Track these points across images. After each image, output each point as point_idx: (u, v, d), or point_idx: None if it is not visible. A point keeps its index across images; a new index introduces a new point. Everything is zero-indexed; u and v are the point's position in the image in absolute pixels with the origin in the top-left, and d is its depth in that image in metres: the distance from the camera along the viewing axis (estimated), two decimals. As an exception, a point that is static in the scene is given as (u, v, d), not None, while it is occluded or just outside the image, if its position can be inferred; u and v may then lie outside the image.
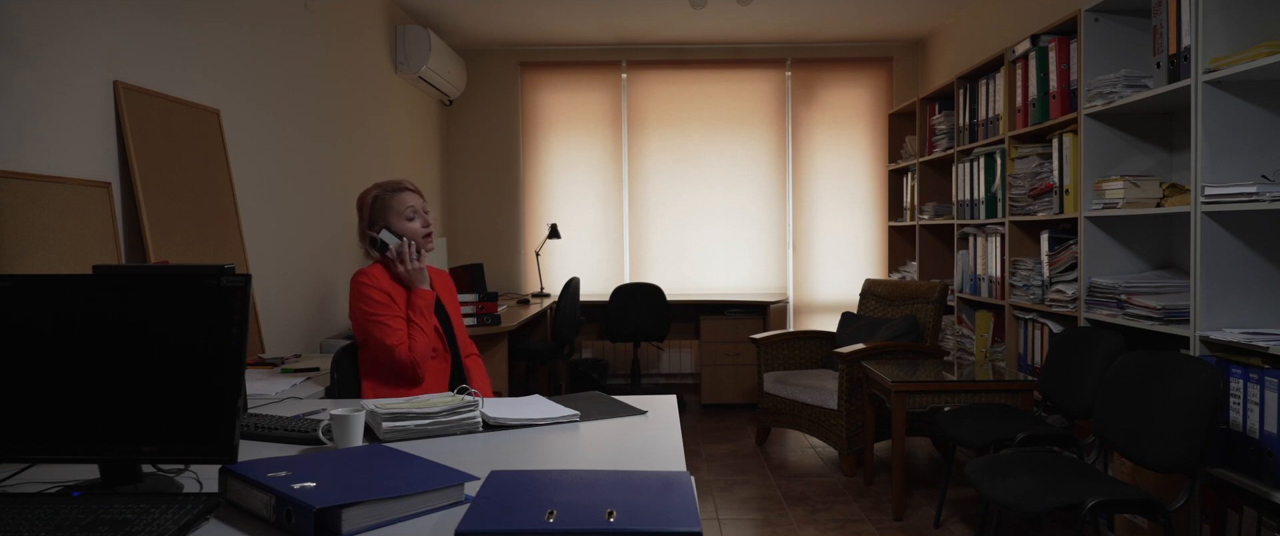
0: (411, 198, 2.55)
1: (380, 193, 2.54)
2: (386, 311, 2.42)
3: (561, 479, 1.26)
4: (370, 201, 2.54)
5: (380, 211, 2.52)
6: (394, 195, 2.53)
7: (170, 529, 1.12)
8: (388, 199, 2.53)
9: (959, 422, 3.12)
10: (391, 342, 2.38)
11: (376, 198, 2.53)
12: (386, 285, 2.46)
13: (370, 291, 2.43)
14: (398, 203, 2.52)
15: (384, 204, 2.52)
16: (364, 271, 2.47)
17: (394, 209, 2.52)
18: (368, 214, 2.53)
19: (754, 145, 6.28)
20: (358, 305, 2.43)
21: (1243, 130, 2.52)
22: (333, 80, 4.21)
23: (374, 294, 2.43)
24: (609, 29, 5.78)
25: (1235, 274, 2.52)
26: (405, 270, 2.47)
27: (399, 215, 2.52)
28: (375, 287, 2.43)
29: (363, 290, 2.43)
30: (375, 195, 2.54)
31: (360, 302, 2.43)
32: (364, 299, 2.42)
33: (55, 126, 2.33)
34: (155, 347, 1.36)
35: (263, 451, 1.59)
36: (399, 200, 2.53)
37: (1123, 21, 3.20)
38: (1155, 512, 2.19)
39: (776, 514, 3.52)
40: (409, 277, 2.48)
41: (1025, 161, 3.74)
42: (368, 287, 2.43)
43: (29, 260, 2.15)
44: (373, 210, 2.53)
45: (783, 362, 4.72)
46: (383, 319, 2.40)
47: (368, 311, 2.41)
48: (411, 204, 2.53)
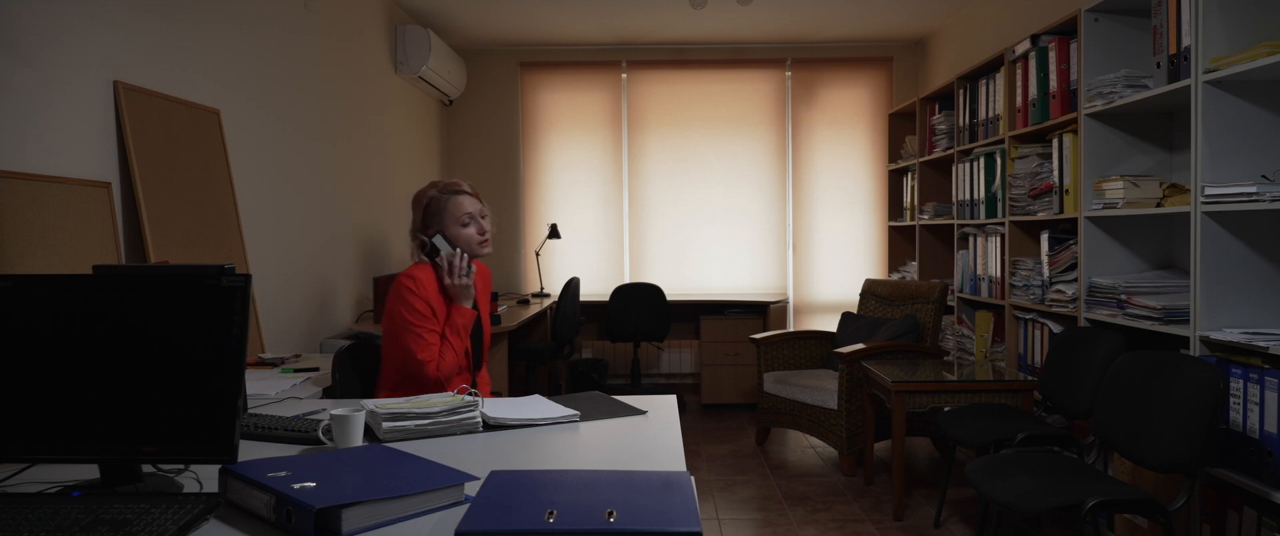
0: (468, 202, 2.45)
1: (436, 194, 2.45)
2: (425, 324, 2.34)
3: (561, 479, 1.26)
4: (426, 202, 2.45)
5: (435, 214, 2.44)
6: (450, 198, 2.44)
7: (170, 529, 1.12)
8: (444, 201, 2.43)
9: (959, 422, 3.12)
10: (423, 358, 2.32)
11: (433, 200, 2.44)
12: (431, 293, 2.37)
13: (413, 299, 2.34)
14: (454, 207, 2.43)
15: (439, 207, 2.43)
16: (412, 273, 2.38)
17: (450, 213, 2.43)
18: (422, 215, 2.45)
19: (754, 145, 6.28)
20: (398, 308, 2.34)
21: (1243, 130, 2.52)
22: (333, 80, 4.21)
23: (417, 303, 2.34)
24: (609, 29, 5.78)
25: (1235, 274, 2.52)
26: (452, 283, 2.38)
27: (454, 220, 2.43)
28: (419, 296, 2.34)
29: (406, 295, 2.34)
30: (431, 196, 2.45)
31: (401, 306, 2.34)
32: (406, 304, 2.34)
33: (55, 126, 2.33)
34: (155, 347, 1.36)
35: (263, 451, 1.59)
36: (455, 204, 2.43)
37: (1123, 21, 3.20)
38: (1155, 512, 2.19)
39: (776, 514, 3.52)
40: (454, 292, 2.39)
41: (1025, 161, 3.74)
42: (412, 294, 2.34)
43: (29, 260, 2.15)
44: (428, 212, 2.44)
45: (783, 362, 4.72)
46: (419, 330, 2.32)
47: (407, 318, 2.32)
48: (468, 209, 2.44)
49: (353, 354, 2.50)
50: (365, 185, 4.68)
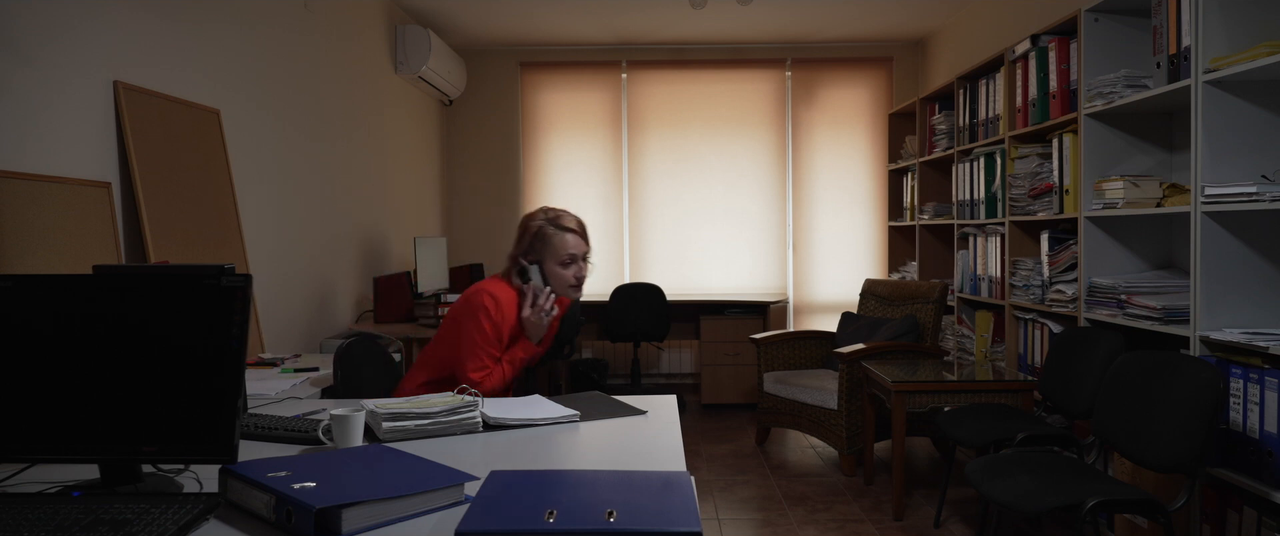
0: (574, 242, 2.39)
1: (545, 225, 2.39)
2: (489, 348, 2.31)
3: (561, 479, 1.26)
4: (534, 230, 2.39)
5: (539, 244, 2.38)
6: (559, 234, 2.38)
7: (170, 529, 1.12)
8: (551, 235, 2.38)
9: (959, 422, 3.12)
10: (474, 377, 2.29)
11: (541, 229, 2.38)
12: (506, 317, 2.34)
13: (486, 321, 2.31)
14: (560, 244, 2.37)
15: (546, 239, 2.38)
16: (495, 293, 2.34)
17: (553, 249, 2.38)
18: (528, 241, 2.39)
19: (754, 145, 6.28)
20: (468, 323, 2.31)
21: (1243, 130, 2.52)
22: (333, 80, 4.22)
23: (487, 325, 2.30)
24: (609, 29, 5.78)
25: (1235, 274, 2.52)
26: (529, 318, 2.35)
27: (556, 257, 2.38)
28: (493, 319, 2.31)
29: (481, 315, 2.31)
30: (540, 226, 2.39)
31: (472, 323, 2.31)
32: (477, 323, 2.31)
33: (55, 126, 2.33)
34: (155, 347, 1.36)
35: (263, 451, 1.59)
36: (561, 242, 2.37)
37: (1123, 21, 3.20)
38: (1155, 512, 2.19)
39: (776, 514, 3.52)
40: (528, 327, 2.37)
41: (1025, 161, 3.74)
42: (487, 316, 2.31)
43: (29, 260, 2.15)
44: (533, 240, 2.39)
45: (783, 362, 4.72)
46: (480, 350, 2.30)
47: (474, 337, 2.30)
48: (572, 250, 2.38)
49: (353, 351, 2.49)
50: (365, 185, 4.68)
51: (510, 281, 2.41)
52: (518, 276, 2.39)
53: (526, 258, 2.39)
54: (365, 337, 2.61)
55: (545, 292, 2.36)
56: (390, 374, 2.66)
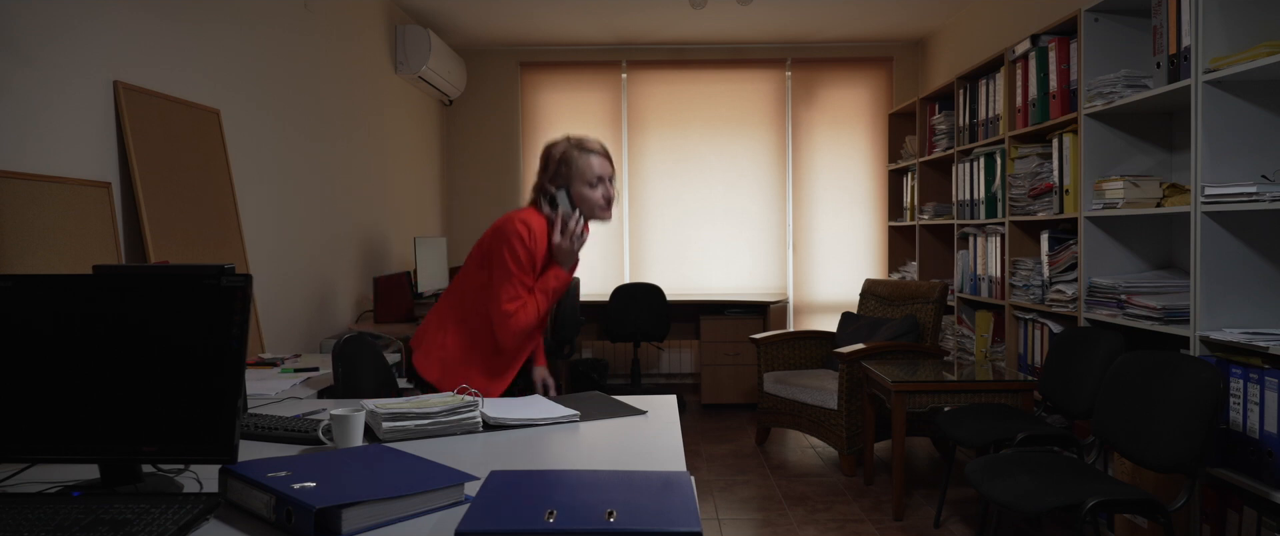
0: (600, 163, 2.37)
1: (569, 148, 2.37)
2: (523, 275, 2.28)
3: (561, 479, 1.26)
4: (558, 155, 2.37)
5: (565, 168, 2.36)
6: (584, 156, 2.36)
7: (170, 529, 1.12)
8: (576, 158, 2.36)
9: (959, 422, 3.12)
10: (508, 308, 2.26)
11: (565, 153, 2.37)
12: (538, 246, 2.30)
13: (520, 247, 2.27)
14: (585, 166, 2.35)
15: (571, 163, 2.35)
16: (526, 220, 2.30)
17: (580, 171, 2.35)
18: (553, 167, 2.37)
19: (754, 145, 6.28)
20: (502, 250, 2.27)
21: (1243, 130, 2.52)
22: (333, 80, 4.22)
23: (521, 252, 2.27)
24: (609, 29, 5.78)
25: (1235, 274, 2.52)
26: (561, 244, 2.32)
27: (583, 179, 2.35)
28: (526, 246, 2.27)
29: (515, 241, 2.27)
30: (564, 149, 2.37)
31: (506, 250, 2.27)
32: (512, 249, 2.26)
33: (55, 126, 2.33)
34: (155, 347, 1.36)
35: (263, 451, 1.59)
36: (587, 163, 2.35)
37: (1123, 21, 3.20)
38: (1155, 512, 2.19)
39: (776, 514, 3.52)
40: (560, 253, 2.33)
41: (1025, 161, 3.74)
42: (520, 242, 2.27)
43: (29, 260, 2.15)
44: (559, 165, 2.36)
45: (783, 362, 4.71)
46: (515, 279, 2.27)
47: (509, 265, 2.26)
48: (599, 171, 2.36)
49: (350, 349, 2.49)
50: (365, 185, 4.68)
51: (539, 210, 2.37)
52: (547, 204, 2.36)
53: (553, 184, 2.36)
54: (362, 336, 2.61)
55: (575, 217, 2.34)
56: (387, 372, 2.66)
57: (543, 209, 2.37)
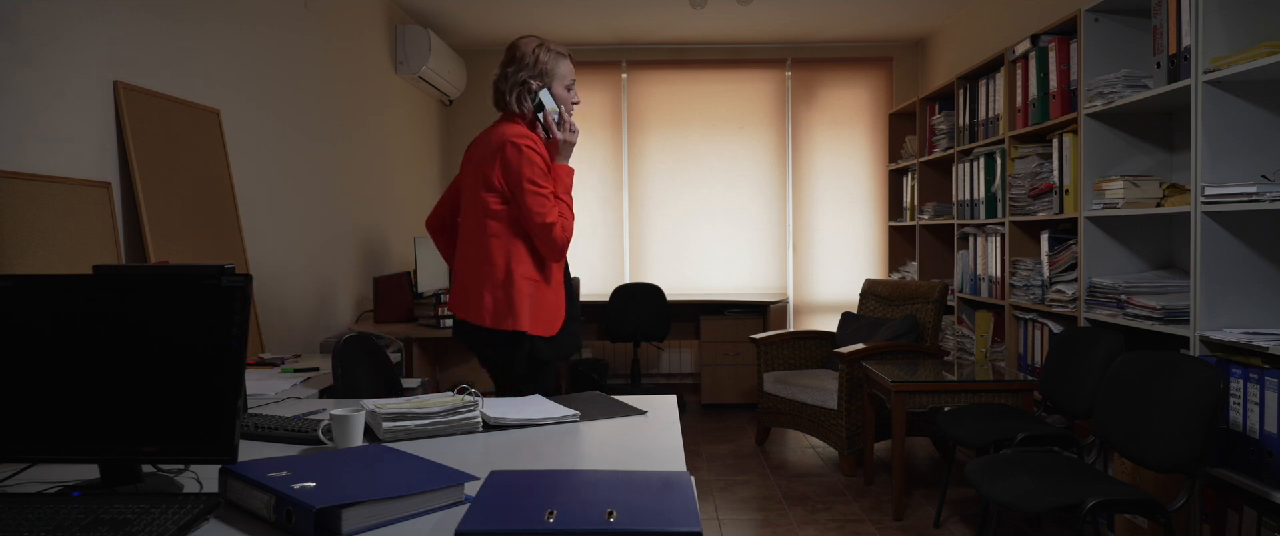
0: (569, 67, 2.42)
1: (541, 50, 2.38)
2: (548, 185, 2.30)
3: (561, 479, 1.26)
4: (533, 54, 2.38)
5: (543, 70, 2.38)
6: (560, 60, 2.41)
7: (170, 529, 1.12)
8: (551, 62, 2.38)
9: (959, 422, 3.12)
10: (551, 220, 2.28)
11: (539, 54, 2.38)
12: (545, 154, 2.32)
13: (538, 160, 2.27)
14: (563, 69, 2.40)
15: (547, 66, 2.38)
16: (524, 133, 2.32)
17: (558, 74, 2.39)
18: (530, 67, 2.37)
19: (754, 145, 6.28)
20: (522, 169, 2.27)
21: (1243, 130, 2.52)
22: (333, 80, 4.22)
23: (539, 162, 2.27)
24: (609, 29, 5.78)
25: (1235, 274, 2.52)
26: (562, 138, 2.36)
27: (561, 82, 2.39)
28: (542, 158, 2.28)
29: (528, 154, 2.27)
30: (537, 47, 2.38)
31: (526, 167, 2.27)
32: (529, 164, 2.27)
33: (55, 126, 2.33)
34: (155, 347, 1.36)
35: (263, 451, 1.59)
36: (564, 66, 2.40)
37: (1123, 21, 3.20)
38: (1155, 512, 2.19)
39: (776, 514, 3.52)
40: (562, 148, 2.36)
41: (1025, 161, 3.74)
42: (534, 153, 2.28)
43: (29, 260, 2.15)
44: (536, 65, 2.37)
45: (783, 362, 4.72)
46: (545, 192, 2.28)
47: (535, 180, 2.28)
48: (572, 75, 2.42)
49: (350, 349, 2.49)
50: (365, 185, 4.68)
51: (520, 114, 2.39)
52: (530, 106, 2.36)
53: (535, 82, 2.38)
54: (362, 336, 2.62)
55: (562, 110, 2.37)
56: (387, 371, 2.67)
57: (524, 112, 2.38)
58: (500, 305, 2.36)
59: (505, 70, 2.43)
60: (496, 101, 2.47)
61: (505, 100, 2.43)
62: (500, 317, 2.37)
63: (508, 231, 2.37)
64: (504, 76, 2.43)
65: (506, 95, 2.41)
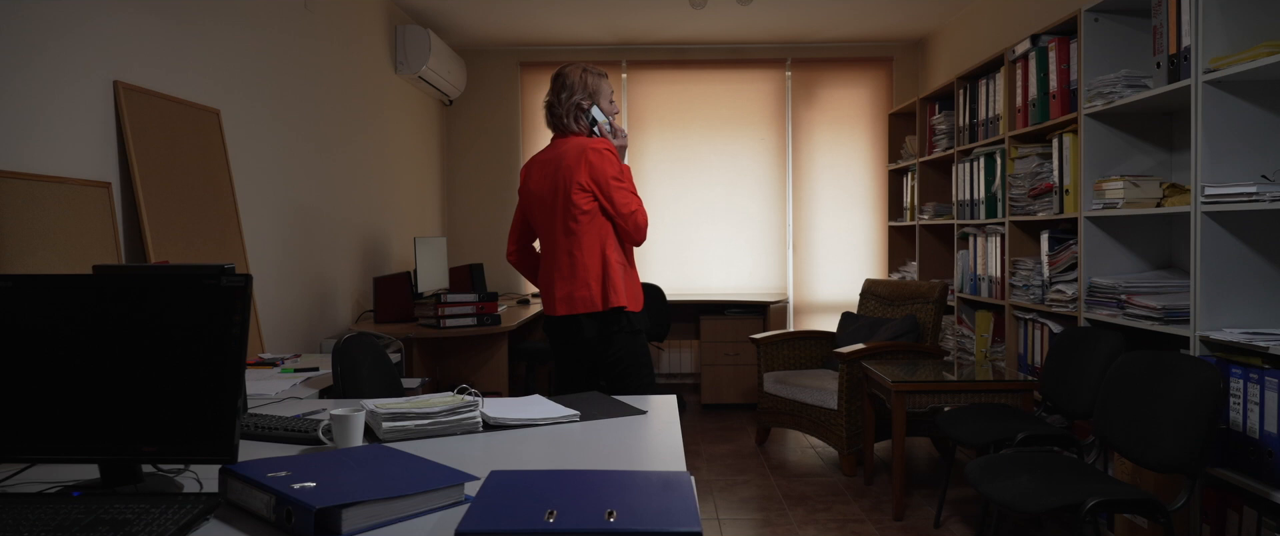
0: (609, 85, 2.90)
1: (587, 74, 2.86)
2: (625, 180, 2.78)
3: (561, 479, 1.26)
4: (580, 79, 2.86)
5: (591, 91, 2.87)
6: (601, 80, 2.88)
7: (170, 529, 1.12)
8: (597, 83, 2.88)
9: (959, 422, 3.12)
10: (634, 208, 2.78)
11: (585, 78, 2.86)
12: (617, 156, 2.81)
13: (616, 160, 2.76)
14: (605, 88, 2.88)
15: (593, 87, 2.87)
16: (597, 141, 2.81)
17: (603, 93, 2.88)
18: (580, 90, 2.86)
19: (754, 145, 6.28)
20: (605, 169, 2.75)
21: (1243, 130, 2.52)
22: (333, 80, 4.22)
23: (615, 162, 2.75)
24: (609, 29, 5.78)
25: (1235, 274, 2.52)
26: (623, 144, 2.86)
27: (604, 97, 2.88)
28: (615, 157, 2.76)
29: (608, 156, 2.76)
30: (583, 73, 2.86)
31: (608, 167, 2.75)
32: (610, 164, 2.76)
33: (55, 126, 2.33)
34: (155, 347, 1.36)
35: (263, 451, 1.59)
36: (605, 86, 2.88)
37: (1123, 21, 3.20)
38: (1155, 512, 2.19)
39: (776, 514, 3.52)
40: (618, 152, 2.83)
41: (1025, 161, 3.74)
42: (610, 154, 2.76)
43: (29, 260, 2.15)
44: (584, 87, 2.86)
45: (783, 362, 4.72)
46: (626, 186, 2.78)
47: (619, 177, 2.77)
48: (611, 90, 2.90)
49: (350, 349, 2.49)
50: (365, 185, 4.68)
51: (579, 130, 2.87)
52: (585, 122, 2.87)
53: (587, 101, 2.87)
54: (363, 335, 2.62)
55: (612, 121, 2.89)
56: (388, 371, 2.67)
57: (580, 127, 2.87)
58: (604, 288, 2.81)
59: (558, 96, 2.88)
60: (553, 124, 2.92)
61: (563, 123, 2.88)
62: (605, 299, 2.82)
63: (597, 225, 2.82)
64: (558, 102, 2.88)
65: (564, 118, 2.88)
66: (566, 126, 2.87)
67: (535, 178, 2.93)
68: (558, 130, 2.92)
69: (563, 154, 2.84)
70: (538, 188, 2.91)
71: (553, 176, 2.85)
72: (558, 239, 2.85)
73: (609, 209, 2.79)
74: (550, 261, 2.89)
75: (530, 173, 2.95)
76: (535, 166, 2.94)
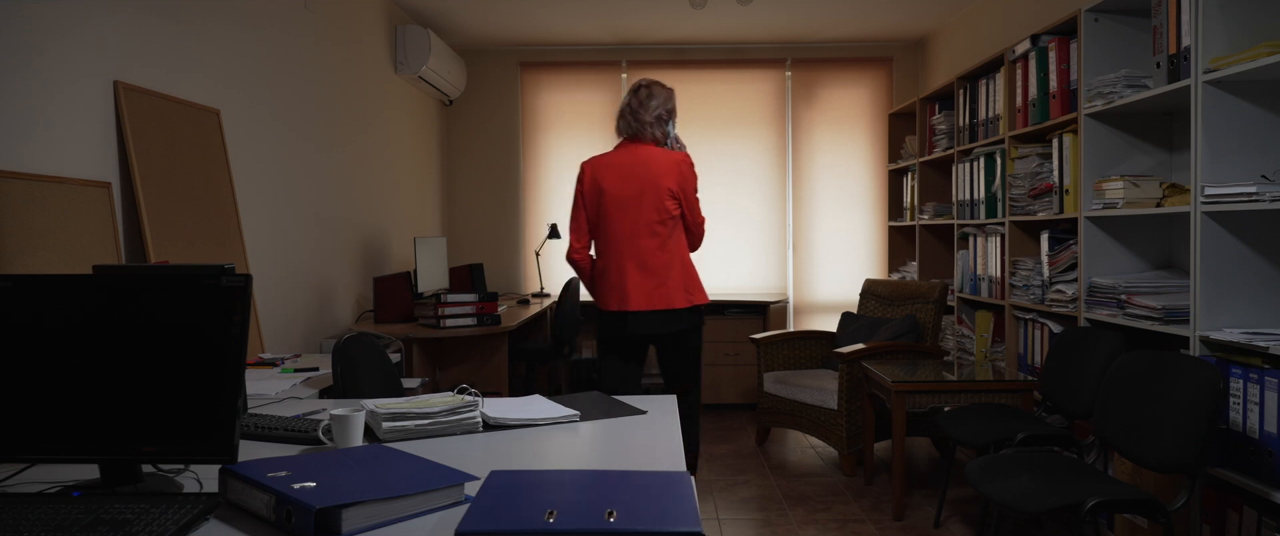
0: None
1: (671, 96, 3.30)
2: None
3: (561, 479, 1.26)
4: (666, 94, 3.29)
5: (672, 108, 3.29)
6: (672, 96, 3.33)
7: (170, 529, 1.12)
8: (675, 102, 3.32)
9: (959, 422, 3.12)
10: (703, 218, 3.32)
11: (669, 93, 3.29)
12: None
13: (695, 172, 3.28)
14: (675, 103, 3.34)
15: (674, 105, 3.32)
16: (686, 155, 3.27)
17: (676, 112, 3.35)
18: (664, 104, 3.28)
19: (754, 145, 6.28)
20: (692, 181, 3.27)
21: (1243, 130, 2.52)
22: (333, 80, 4.22)
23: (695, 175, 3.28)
24: (609, 29, 5.78)
25: (1235, 274, 2.52)
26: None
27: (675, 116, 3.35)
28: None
29: (693, 169, 3.27)
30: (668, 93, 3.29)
31: (694, 179, 3.28)
32: (695, 177, 3.27)
33: (55, 126, 2.33)
34: (155, 347, 1.36)
35: (263, 451, 1.59)
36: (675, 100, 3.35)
37: (1123, 21, 3.20)
38: (1155, 512, 2.19)
39: (776, 514, 3.52)
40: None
41: (1025, 161, 3.74)
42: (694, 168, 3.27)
43: (29, 260, 2.15)
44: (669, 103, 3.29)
45: (783, 362, 4.72)
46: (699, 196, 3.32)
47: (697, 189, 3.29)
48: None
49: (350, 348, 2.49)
50: (365, 185, 4.68)
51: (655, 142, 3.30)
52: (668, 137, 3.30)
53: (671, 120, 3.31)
54: (363, 335, 2.62)
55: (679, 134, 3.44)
56: (388, 370, 2.67)
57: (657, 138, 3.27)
58: (687, 285, 3.25)
59: (646, 105, 3.26)
60: (630, 129, 3.29)
61: (645, 131, 3.27)
62: (689, 296, 3.24)
63: (679, 230, 3.25)
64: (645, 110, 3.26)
65: (651, 129, 3.27)
66: (646, 135, 3.24)
67: (610, 179, 3.23)
68: (631, 136, 3.28)
69: (647, 161, 3.21)
70: (616, 189, 3.22)
71: (638, 180, 3.19)
72: (641, 240, 3.18)
73: (688, 217, 3.25)
74: (626, 259, 3.20)
75: (602, 174, 3.25)
76: (607, 169, 3.25)
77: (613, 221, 3.23)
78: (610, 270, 3.25)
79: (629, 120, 3.30)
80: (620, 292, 3.20)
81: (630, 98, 3.32)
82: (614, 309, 3.25)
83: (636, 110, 3.26)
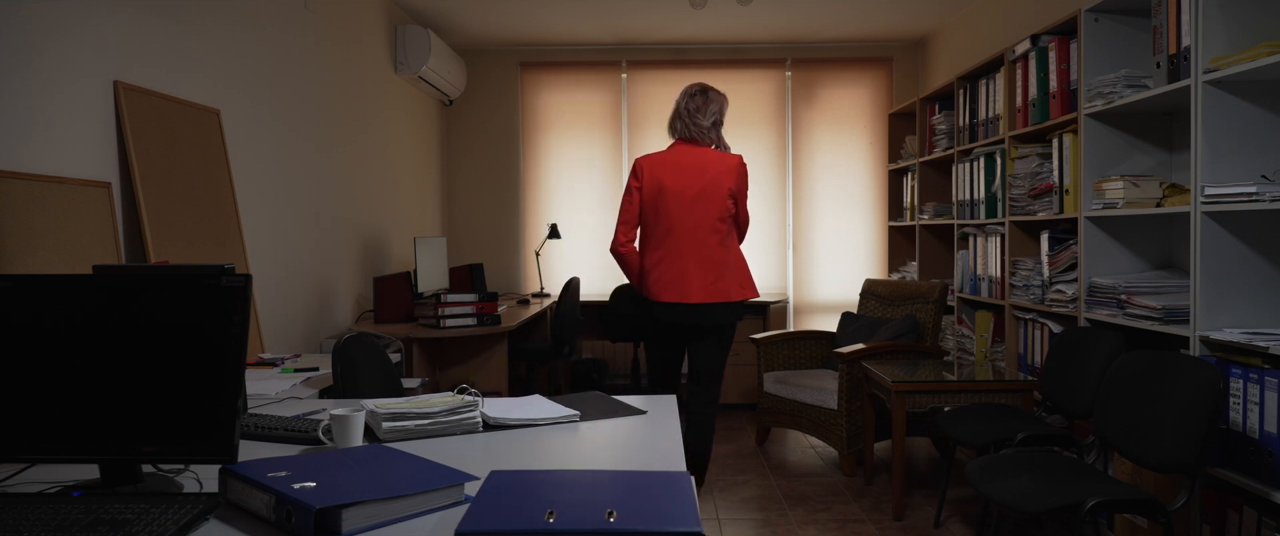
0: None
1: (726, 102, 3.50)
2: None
3: (561, 479, 1.26)
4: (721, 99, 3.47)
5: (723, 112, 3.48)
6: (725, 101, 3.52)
7: (170, 529, 1.12)
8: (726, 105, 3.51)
9: (959, 422, 3.12)
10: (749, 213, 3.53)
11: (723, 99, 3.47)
12: None
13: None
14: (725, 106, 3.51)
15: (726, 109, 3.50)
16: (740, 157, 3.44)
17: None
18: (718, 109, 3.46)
19: (754, 145, 6.28)
20: (746, 182, 3.45)
21: (1243, 130, 2.52)
22: (333, 80, 4.22)
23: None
24: (609, 29, 5.78)
25: (1235, 274, 2.52)
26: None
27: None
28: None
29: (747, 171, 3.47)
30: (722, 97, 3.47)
31: (747, 179, 3.45)
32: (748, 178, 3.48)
33: (55, 126, 2.33)
34: (155, 347, 1.36)
35: (263, 451, 1.59)
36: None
37: (1123, 21, 3.20)
38: (1155, 512, 2.19)
39: (776, 514, 3.52)
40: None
41: (1025, 161, 3.74)
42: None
43: (29, 260, 2.15)
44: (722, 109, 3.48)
45: (783, 362, 4.72)
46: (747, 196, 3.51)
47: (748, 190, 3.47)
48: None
49: (350, 348, 2.49)
50: (365, 185, 4.68)
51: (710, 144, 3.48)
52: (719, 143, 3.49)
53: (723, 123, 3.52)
54: (363, 335, 2.62)
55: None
56: (388, 370, 2.67)
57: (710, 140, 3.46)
58: (741, 280, 3.42)
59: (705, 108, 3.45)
60: (695, 134, 3.45)
61: (707, 135, 3.45)
62: (743, 290, 3.42)
63: (733, 226, 3.44)
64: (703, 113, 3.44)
65: (709, 132, 3.45)
66: (703, 137, 3.43)
67: (672, 178, 3.39)
68: (687, 137, 3.46)
69: (707, 162, 3.39)
70: (677, 186, 3.38)
71: (699, 179, 3.37)
72: (704, 236, 3.36)
73: (739, 215, 3.43)
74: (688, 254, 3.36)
75: (662, 172, 3.41)
76: (665, 167, 3.41)
77: (674, 218, 3.39)
78: (669, 263, 3.39)
79: (686, 123, 3.47)
80: (681, 286, 3.35)
81: (686, 102, 3.48)
82: (672, 301, 3.38)
83: (694, 114, 3.44)
